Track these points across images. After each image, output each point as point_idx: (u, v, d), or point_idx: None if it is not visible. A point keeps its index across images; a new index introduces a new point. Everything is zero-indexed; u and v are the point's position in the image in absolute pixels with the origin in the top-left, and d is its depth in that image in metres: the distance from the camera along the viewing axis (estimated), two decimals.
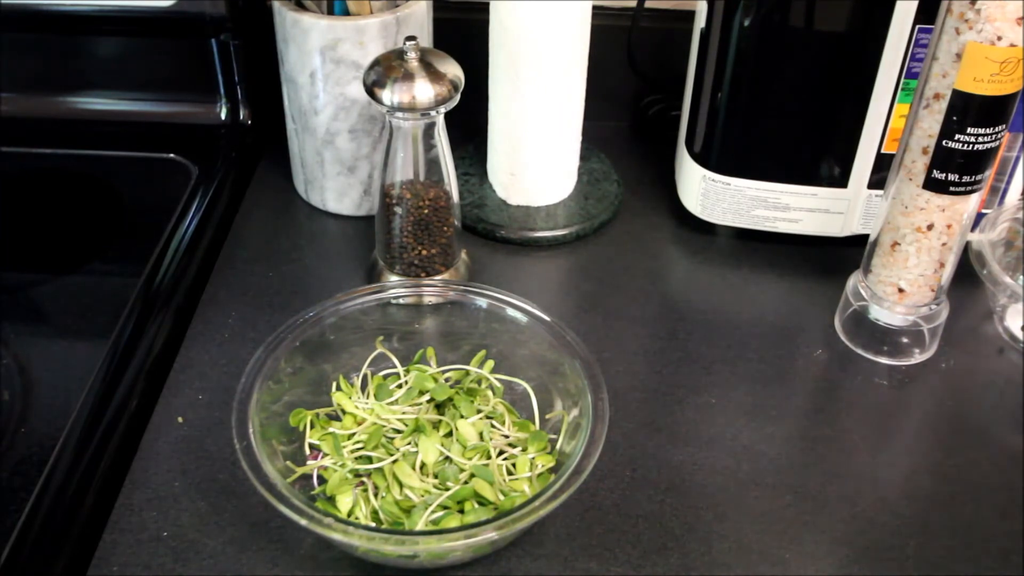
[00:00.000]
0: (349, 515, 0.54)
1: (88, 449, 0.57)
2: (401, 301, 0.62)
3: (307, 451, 0.58)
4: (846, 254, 0.71)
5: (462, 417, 0.58)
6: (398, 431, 0.58)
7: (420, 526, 0.52)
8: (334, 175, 0.75)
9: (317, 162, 0.75)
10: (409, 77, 0.61)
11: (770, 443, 0.60)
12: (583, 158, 0.79)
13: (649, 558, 0.54)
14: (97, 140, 0.83)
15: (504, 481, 0.55)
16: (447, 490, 0.54)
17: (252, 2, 0.80)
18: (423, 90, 0.61)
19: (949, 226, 0.60)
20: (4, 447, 0.57)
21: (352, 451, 0.57)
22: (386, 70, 0.61)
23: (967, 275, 0.66)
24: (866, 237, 0.65)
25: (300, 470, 0.56)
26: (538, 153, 0.74)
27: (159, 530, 0.55)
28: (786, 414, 0.62)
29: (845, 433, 0.61)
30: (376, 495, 0.55)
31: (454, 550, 0.51)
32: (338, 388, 0.60)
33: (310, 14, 0.69)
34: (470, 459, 0.56)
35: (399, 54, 0.62)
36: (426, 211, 0.66)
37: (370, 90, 0.62)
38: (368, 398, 0.60)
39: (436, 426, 0.58)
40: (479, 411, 0.59)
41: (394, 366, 0.62)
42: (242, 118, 0.83)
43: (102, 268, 0.73)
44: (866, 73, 0.64)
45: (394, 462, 0.56)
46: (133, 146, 0.82)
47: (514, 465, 0.56)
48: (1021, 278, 0.66)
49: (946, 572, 0.54)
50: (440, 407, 0.59)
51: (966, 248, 0.65)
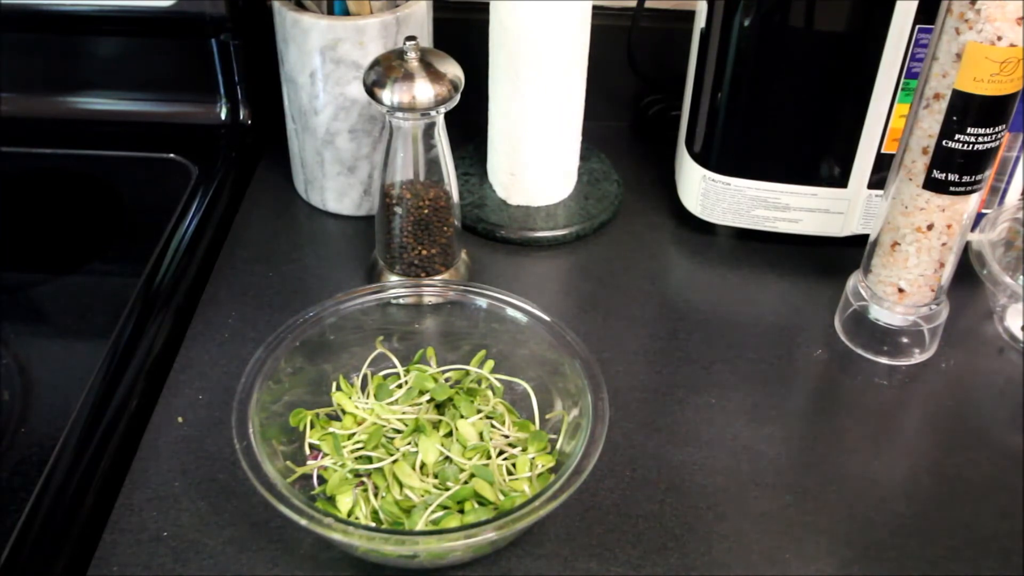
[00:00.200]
0: (349, 515, 0.54)
1: (88, 449, 0.57)
2: (401, 301, 0.62)
3: (307, 451, 0.58)
4: (846, 254, 0.71)
5: (462, 417, 0.58)
6: (398, 431, 0.58)
7: (420, 526, 0.52)
8: (334, 175, 0.75)
9: (317, 162, 0.75)
10: (409, 77, 0.61)
11: (770, 443, 0.60)
12: (583, 158, 0.79)
13: (649, 558, 0.54)
14: (97, 140, 0.83)
15: (504, 481, 0.55)
16: (447, 490, 0.54)
17: (252, 2, 0.80)
18: (423, 90, 0.61)
19: (949, 226, 0.60)
20: (4, 447, 0.57)
21: (352, 451, 0.57)
22: (386, 70, 0.61)
23: (967, 275, 0.66)
24: (866, 237, 0.65)
25: (300, 470, 0.56)
26: (538, 153, 0.74)
27: (159, 530, 0.55)
28: (786, 414, 0.62)
29: (845, 433, 0.62)
30: (376, 495, 0.55)
31: (454, 550, 0.51)
32: (338, 388, 0.60)
33: (310, 14, 0.69)
34: (470, 459, 0.56)
35: (399, 54, 0.62)
36: (426, 211, 0.66)
37: (370, 90, 0.62)
38: (368, 398, 0.60)
39: (436, 426, 0.58)
40: (479, 411, 0.59)
41: (394, 366, 0.62)
42: (242, 118, 0.83)
43: (102, 268, 0.73)
44: (866, 73, 0.64)
45: (394, 462, 0.56)
46: (133, 146, 0.82)
47: (514, 465, 0.56)
48: (1021, 278, 0.66)
49: (946, 572, 0.54)
50: (440, 407, 0.59)
51: (966, 248, 0.65)
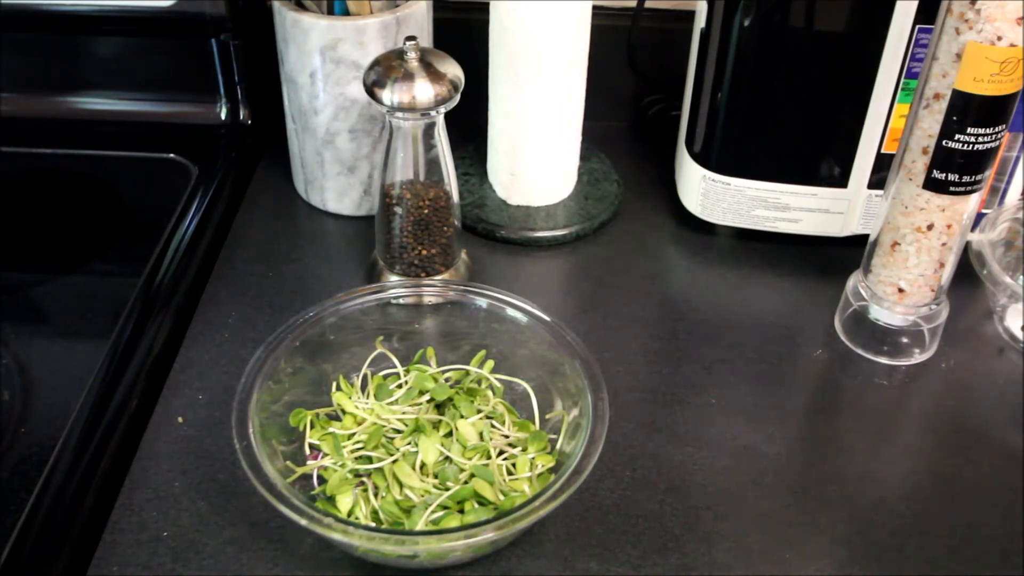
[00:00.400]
0: (349, 515, 0.54)
1: (88, 449, 0.57)
2: (401, 301, 0.62)
3: (307, 451, 0.58)
4: (846, 254, 0.71)
5: (462, 417, 0.58)
6: (398, 431, 0.58)
7: (420, 526, 0.52)
8: (334, 175, 0.75)
9: (317, 162, 0.75)
10: (409, 77, 0.61)
11: (770, 443, 0.60)
12: (583, 158, 0.79)
13: (649, 558, 0.54)
14: (97, 140, 0.83)
15: (504, 481, 0.55)
16: (447, 490, 0.54)
17: (252, 2, 0.80)
18: (423, 90, 0.61)
19: (949, 226, 0.60)
20: (4, 447, 0.57)
21: (352, 451, 0.57)
22: (386, 70, 0.61)
23: (967, 275, 0.66)
24: (866, 237, 0.65)
25: (300, 470, 0.56)
26: (538, 153, 0.74)
27: (159, 530, 0.55)
28: (786, 414, 0.62)
29: (845, 433, 0.61)
30: (376, 495, 0.55)
31: (454, 550, 0.51)
32: (338, 388, 0.60)
33: (310, 14, 0.69)
34: (470, 459, 0.56)
35: (399, 54, 0.62)
36: (426, 211, 0.66)
37: (370, 90, 0.62)
38: (368, 398, 0.60)
39: (436, 426, 0.58)
40: (479, 411, 0.59)
41: (394, 366, 0.62)
42: (242, 118, 0.83)
43: (102, 268, 0.73)
44: (866, 73, 0.64)
45: (394, 462, 0.56)
46: (133, 146, 0.82)
47: (514, 465, 0.56)
48: (1021, 278, 0.66)
49: (946, 572, 0.54)
50: (440, 407, 0.59)
51: (966, 248, 0.65)
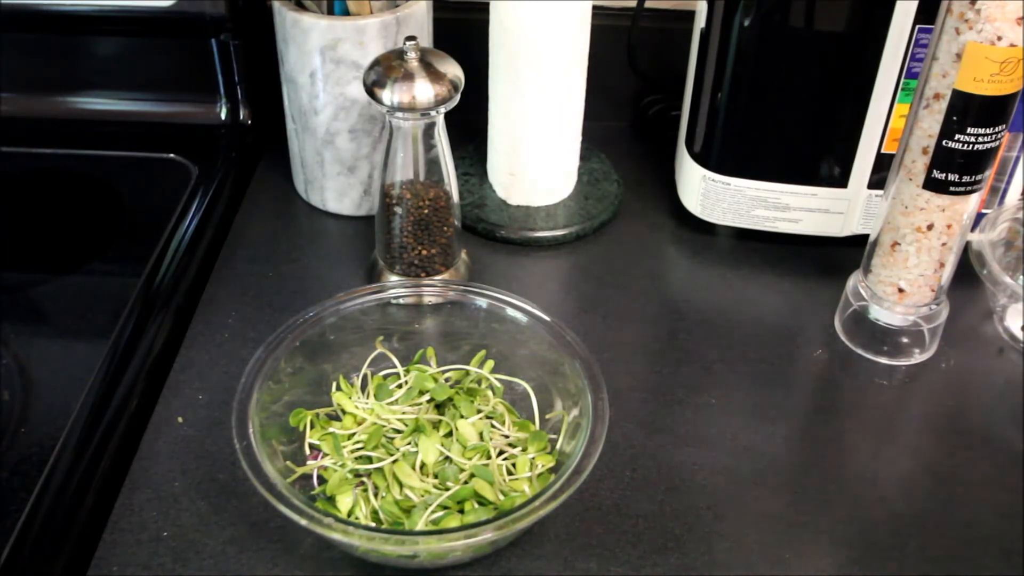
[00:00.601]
0: (349, 515, 0.54)
1: (88, 449, 0.57)
2: (401, 301, 0.62)
3: (307, 451, 0.58)
4: (846, 254, 0.71)
5: (462, 417, 0.58)
6: (398, 431, 0.58)
7: (420, 526, 0.52)
8: (334, 175, 0.75)
9: (317, 162, 0.75)
10: (409, 77, 0.61)
11: (770, 443, 0.60)
12: (583, 158, 0.79)
13: (649, 558, 0.54)
14: (97, 140, 0.83)
15: (504, 481, 0.55)
16: (447, 490, 0.54)
17: (252, 2, 0.80)
18: (423, 90, 0.61)
19: (949, 226, 0.60)
20: (4, 447, 0.57)
21: (352, 451, 0.57)
22: (386, 70, 0.61)
23: (967, 275, 0.66)
24: (866, 237, 0.65)
25: (300, 470, 0.56)
26: (538, 153, 0.74)
27: (159, 530, 0.55)
28: (786, 414, 0.62)
29: (845, 433, 0.61)
30: (376, 495, 0.55)
31: (454, 550, 0.51)
32: (338, 388, 0.60)
33: (310, 14, 0.69)
34: (470, 459, 0.56)
35: (399, 54, 0.62)
36: (426, 211, 0.66)
37: (370, 90, 0.62)
38: (368, 398, 0.60)
39: (436, 426, 0.58)
40: (479, 411, 0.59)
41: (394, 366, 0.62)
42: (242, 118, 0.83)
43: (102, 268, 0.73)
44: (866, 73, 0.64)
45: (394, 462, 0.56)
46: (133, 146, 0.82)
47: (514, 465, 0.56)
48: (1021, 278, 0.66)
49: (946, 572, 0.54)
50: (440, 407, 0.59)
51: (966, 248, 0.65)
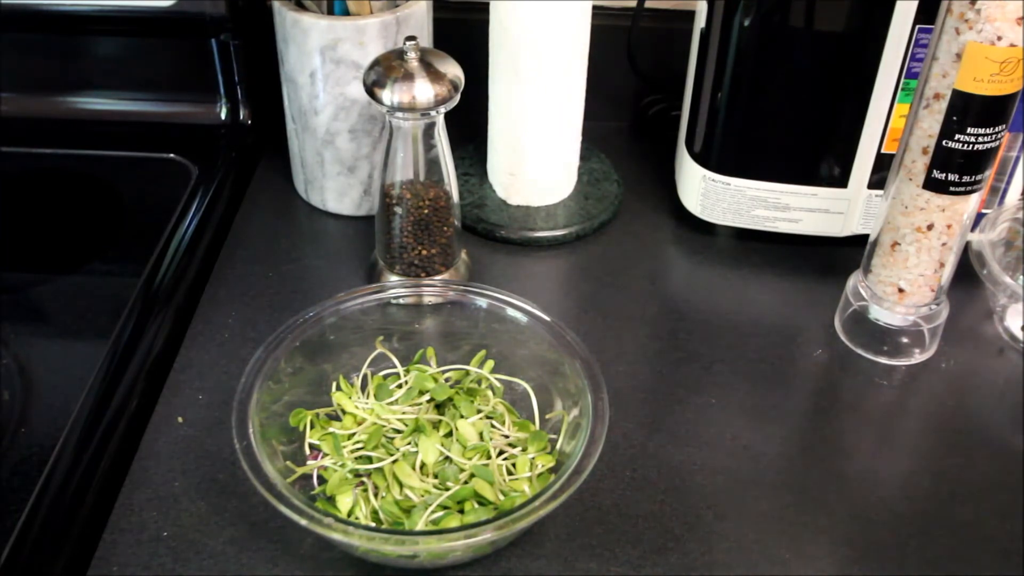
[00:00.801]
0: (349, 515, 0.54)
1: (88, 449, 0.57)
2: (401, 301, 0.62)
3: (307, 451, 0.58)
4: (846, 254, 0.71)
5: (462, 417, 0.58)
6: (398, 431, 0.58)
7: (420, 526, 0.52)
8: (334, 175, 0.75)
9: (317, 162, 0.75)
10: (409, 77, 0.61)
11: (770, 443, 0.60)
12: (583, 158, 0.79)
13: (649, 558, 0.54)
14: (97, 140, 0.83)
15: (504, 481, 0.55)
16: (447, 490, 0.54)
17: (252, 2, 0.80)
18: (423, 90, 0.61)
19: (949, 226, 0.60)
20: (4, 447, 0.57)
21: (352, 451, 0.57)
22: (386, 70, 0.61)
23: (967, 275, 0.66)
24: (866, 237, 0.65)
25: (300, 470, 0.56)
26: (538, 153, 0.74)
27: (159, 530, 0.55)
28: (786, 414, 0.62)
29: (845, 433, 0.61)
30: (376, 495, 0.55)
31: (454, 550, 0.51)
32: (338, 388, 0.60)
33: (310, 14, 0.69)
34: (470, 459, 0.56)
35: (399, 54, 0.62)
36: (426, 211, 0.66)
37: (370, 90, 0.62)
38: (368, 398, 0.60)
39: (436, 426, 0.58)
40: (479, 411, 0.59)
41: (394, 366, 0.62)
42: (242, 118, 0.83)
43: (102, 268, 0.73)
44: (866, 73, 0.64)
45: (394, 462, 0.56)
46: (133, 146, 0.82)
47: (514, 465, 0.56)
48: (1021, 278, 0.66)
49: (946, 572, 0.54)
50: (440, 407, 0.59)
51: (966, 248, 0.65)
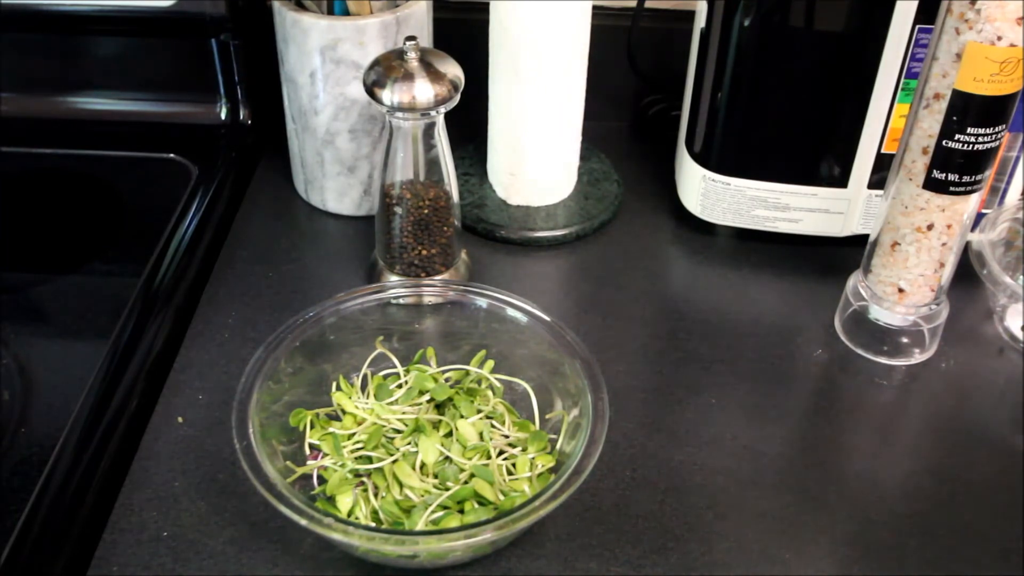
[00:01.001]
0: (349, 515, 0.54)
1: (88, 449, 0.57)
2: (401, 301, 0.62)
3: (307, 451, 0.58)
4: (846, 254, 0.71)
5: (462, 417, 0.58)
6: (398, 431, 0.58)
7: (420, 526, 0.52)
8: (334, 175, 0.75)
9: (317, 162, 0.75)
10: (409, 77, 0.61)
11: (770, 443, 0.60)
12: (583, 158, 0.79)
13: (649, 558, 0.54)
14: (97, 140, 0.83)
15: (504, 481, 0.55)
16: (447, 490, 0.54)
17: (252, 2, 0.80)
18: (423, 90, 0.61)
19: (949, 226, 0.60)
20: (4, 447, 0.57)
21: (352, 451, 0.57)
22: (386, 70, 0.61)
23: (967, 275, 0.66)
24: (866, 237, 0.65)
25: (300, 470, 0.56)
26: (538, 153, 0.74)
27: (159, 530, 0.55)
28: (786, 414, 0.62)
29: (845, 433, 0.61)
30: (376, 495, 0.55)
31: (454, 550, 0.51)
32: (338, 388, 0.60)
33: (310, 14, 0.69)
34: (470, 459, 0.56)
35: (399, 54, 0.62)
36: (426, 211, 0.66)
37: (370, 90, 0.62)
38: (368, 398, 0.60)
39: (436, 426, 0.58)
40: (479, 411, 0.59)
41: (394, 366, 0.62)
42: (242, 118, 0.83)
43: (102, 268, 0.73)
44: (866, 73, 0.64)
45: (394, 462, 0.56)
46: (133, 146, 0.82)
47: (514, 465, 0.56)
48: (1021, 278, 0.66)
49: (946, 572, 0.54)
50: (440, 407, 0.59)
51: (966, 248, 0.65)
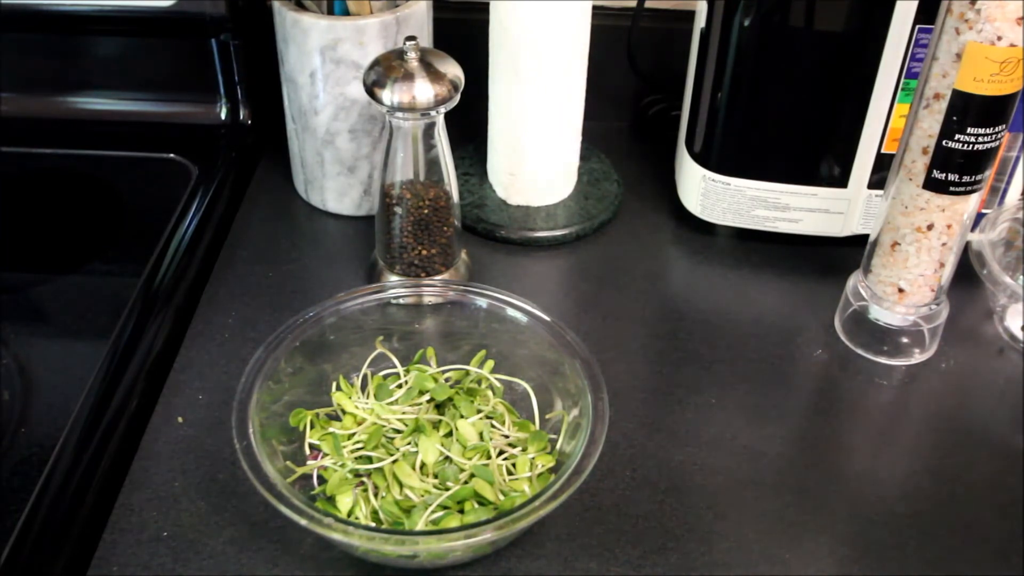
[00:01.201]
0: (349, 515, 0.54)
1: (88, 449, 0.57)
2: (401, 301, 0.62)
3: (307, 451, 0.58)
4: (846, 254, 0.71)
5: (462, 417, 0.58)
6: (398, 431, 0.58)
7: (420, 526, 0.52)
8: (334, 175, 0.75)
9: (317, 162, 0.75)
10: (409, 77, 0.61)
11: (770, 443, 0.60)
12: (583, 158, 0.79)
13: (649, 558, 0.54)
14: (97, 140, 0.83)
15: (504, 481, 0.55)
16: (447, 490, 0.54)
17: (252, 2, 0.80)
18: (423, 90, 0.61)
19: (949, 226, 0.60)
20: (4, 447, 0.57)
21: (352, 451, 0.57)
22: (386, 70, 0.61)
23: (967, 275, 0.66)
24: (866, 237, 0.65)
25: (300, 470, 0.56)
26: (538, 153, 0.74)
27: (159, 530, 0.55)
28: (786, 414, 0.62)
29: (845, 433, 0.61)
30: (376, 495, 0.55)
31: (454, 550, 0.51)
32: (338, 388, 0.60)
33: (310, 14, 0.69)
34: (470, 459, 0.56)
35: (399, 54, 0.62)
36: (426, 211, 0.66)
37: (370, 90, 0.62)
38: (368, 398, 0.60)
39: (436, 426, 0.58)
40: (479, 411, 0.59)
41: (394, 366, 0.62)
42: (242, 118, 0.83)
43: (102, 268, 0.73)
44: (866, 73, 0.64)
45: (394, 462, 0.56)
46: (133, 146, 0.82)
47: (514, 465, 0.56)
48: (1021, 278, 0.66)
49: (946, 572, 0.54)
50: (440, 407, 0.59)
51: (966, 248, 0.65)
